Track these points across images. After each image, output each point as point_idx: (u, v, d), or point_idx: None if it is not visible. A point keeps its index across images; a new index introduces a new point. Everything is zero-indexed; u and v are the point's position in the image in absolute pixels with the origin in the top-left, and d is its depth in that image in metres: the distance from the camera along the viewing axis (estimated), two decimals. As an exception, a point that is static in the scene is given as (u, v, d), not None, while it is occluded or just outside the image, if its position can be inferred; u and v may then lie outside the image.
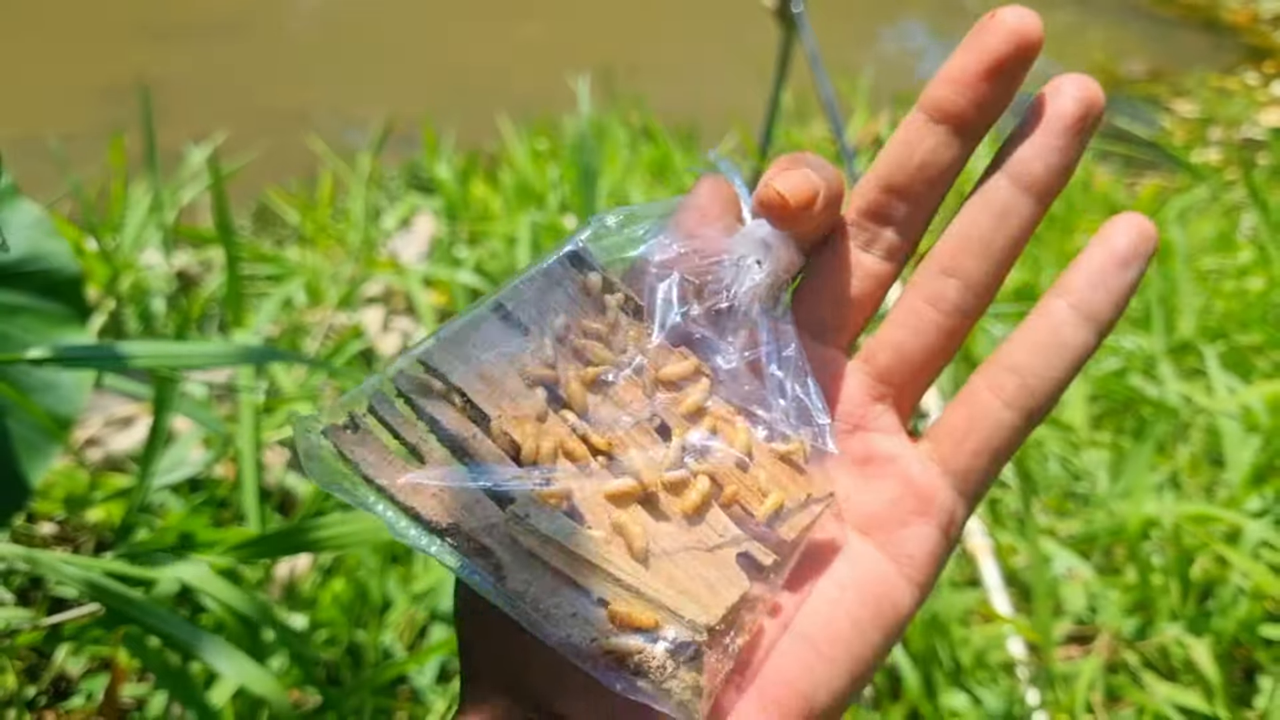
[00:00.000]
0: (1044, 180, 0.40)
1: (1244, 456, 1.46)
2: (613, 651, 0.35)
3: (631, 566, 0.36)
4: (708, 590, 0.37)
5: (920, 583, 0.41)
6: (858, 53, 4.35)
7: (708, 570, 0.37)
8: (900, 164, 0.41)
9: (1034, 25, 0.38)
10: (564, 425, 0.38)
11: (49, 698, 1.19)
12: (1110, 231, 0.41)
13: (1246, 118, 3.80)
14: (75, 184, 1.72)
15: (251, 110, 3.47)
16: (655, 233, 0.42)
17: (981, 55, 0.39)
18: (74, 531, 1.32)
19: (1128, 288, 0.41)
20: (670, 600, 0.36)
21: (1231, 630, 1.26)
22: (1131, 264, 0.40)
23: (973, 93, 0.40)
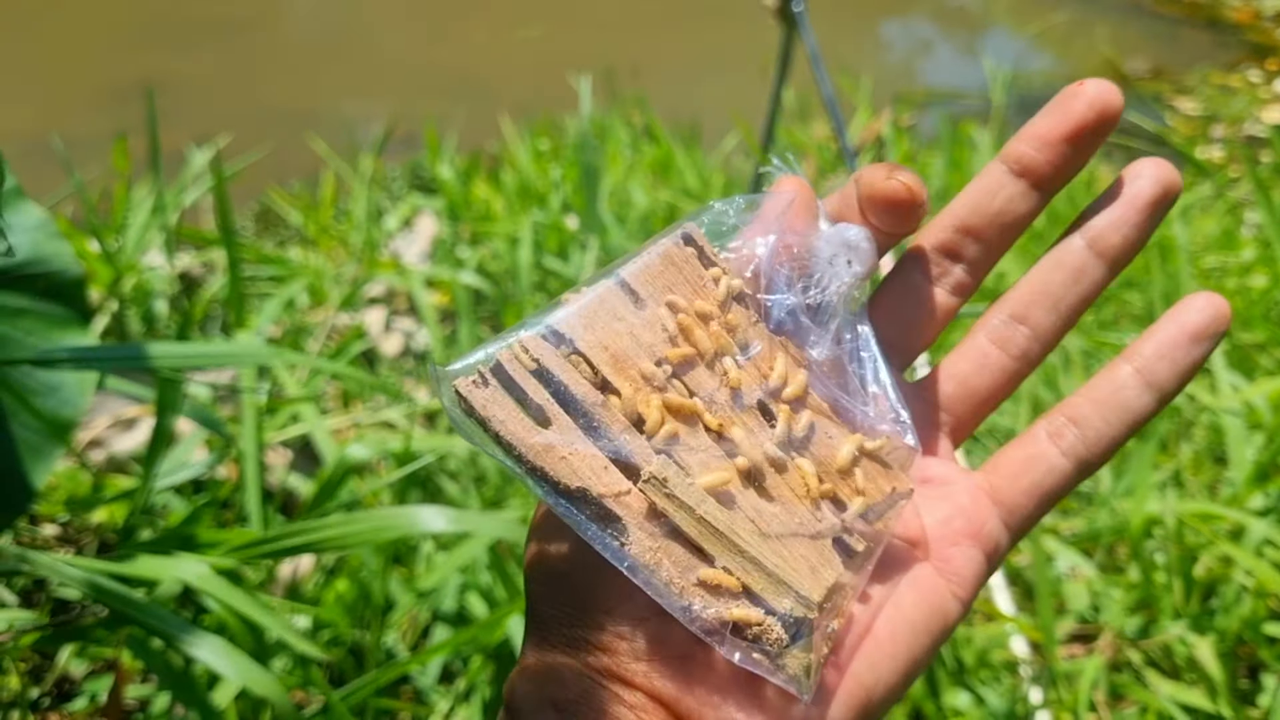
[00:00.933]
0: (1118, 249, 0.44)
1: (1247, 454, 1.46)
2: (732, 622, 0.36)
3: (755, 539, 0.37)
4: (810, 571, 0.38)
5: (964, 600, 0.43)
6: (860, 52, 4.35)
7: (808, 552, 0.39)
8: (978, 208, 0.44)
9: (1116, 98, 0.42)
10: (684, 402, 0.39)
11: (52, 699, 1.19)
12: (1184, 307, 0.44)
13: (1249, 115, 3.79)
14: (78, 185, 1.73)
15: (255, 112, 3.47)
16: (753, 225, 0.43)
17: (1066, 119, 0.42)
18: (77, 533, 1.32)
19: (1194, 363, 0.43)
20: (788, 575, 0.37)
21: (1235, 628, 1.26)
22: (1201, 342, 0.43)
23: (1053, 153, 0.43)
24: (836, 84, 3.01)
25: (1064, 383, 1.75)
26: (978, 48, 4.57)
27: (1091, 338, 1.93)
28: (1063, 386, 1.75)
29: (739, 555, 0.37)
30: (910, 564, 0.42)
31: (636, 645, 0.37)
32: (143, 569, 0.80)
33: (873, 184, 0.42)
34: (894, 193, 0.42)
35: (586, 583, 0.38)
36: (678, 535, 0.37)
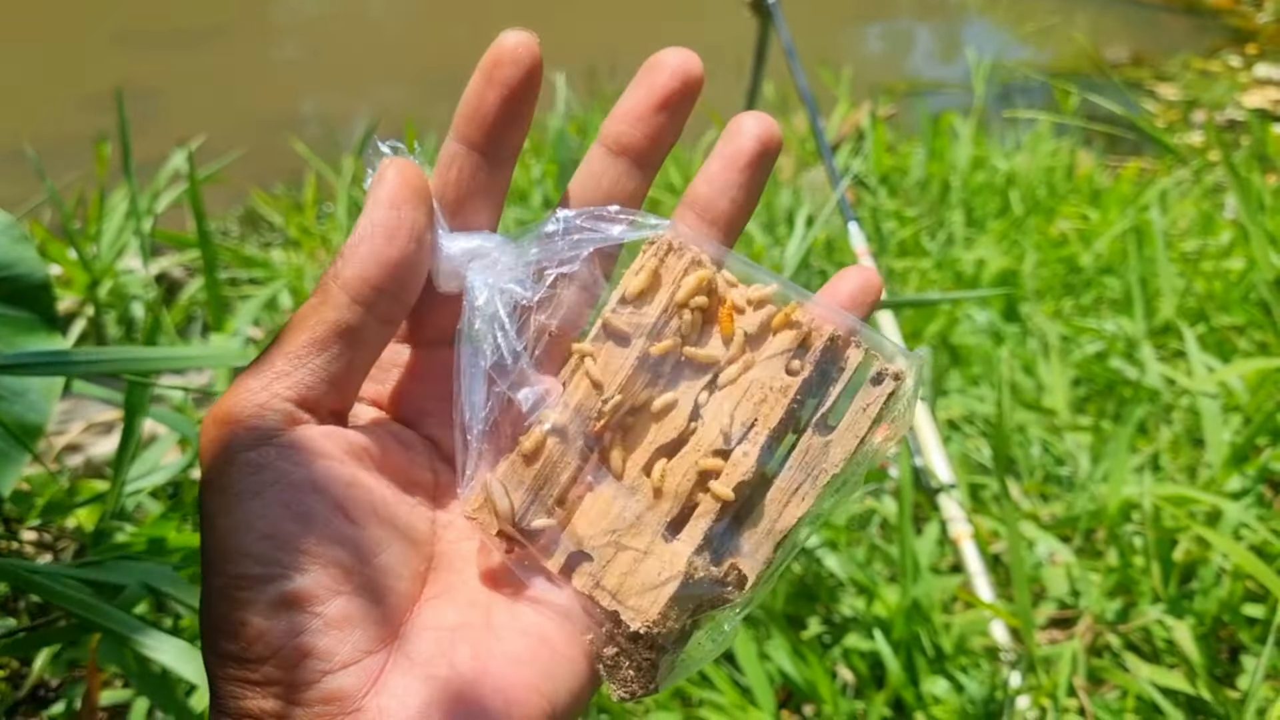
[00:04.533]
0: (728, 215, 0.45)
1: (1223, 437, 1.46)
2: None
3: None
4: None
5: None
6: (841, 44, 4.35)
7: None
8: (585, 193, 0.45)
9: (696, 64, 0.43)
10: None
11: (30, 706, 1.19)
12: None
13: (1229, 100, 3.80)
14: (52, 191, 1.72)
15: (237, 115, 3.47)
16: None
17: (653, 92, 0.43)
18: (54, 539, 1.31)
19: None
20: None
21: (1213, 611, 1.26)
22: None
23: (648, 126, 0.44)
24: (817, 76, 3.01)
25: (1042, 368, 1.75)
26: (959, 38, 4.57)
27: (1070, 323, 1.93)
28: (1041, 373, 1.75)
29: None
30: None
31: (311, 711, 0.37)
32: (109, 573, 0.80)
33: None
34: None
35: (255, 658, 0.37)
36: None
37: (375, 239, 0.40)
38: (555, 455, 0.43)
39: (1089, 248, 2.20)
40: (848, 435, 0.43)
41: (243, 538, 0.37)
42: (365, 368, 0.41)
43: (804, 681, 1.21)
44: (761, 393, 0.43)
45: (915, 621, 1.24)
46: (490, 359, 0.42)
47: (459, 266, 0.42)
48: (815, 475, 0.42)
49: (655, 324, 0.43)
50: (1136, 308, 1.85)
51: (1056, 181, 2.63)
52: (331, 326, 0.40)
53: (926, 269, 2.13)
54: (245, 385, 0.39)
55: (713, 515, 0.42)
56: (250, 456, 0.38)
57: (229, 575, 0.38)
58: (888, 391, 0.43)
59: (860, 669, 1.26)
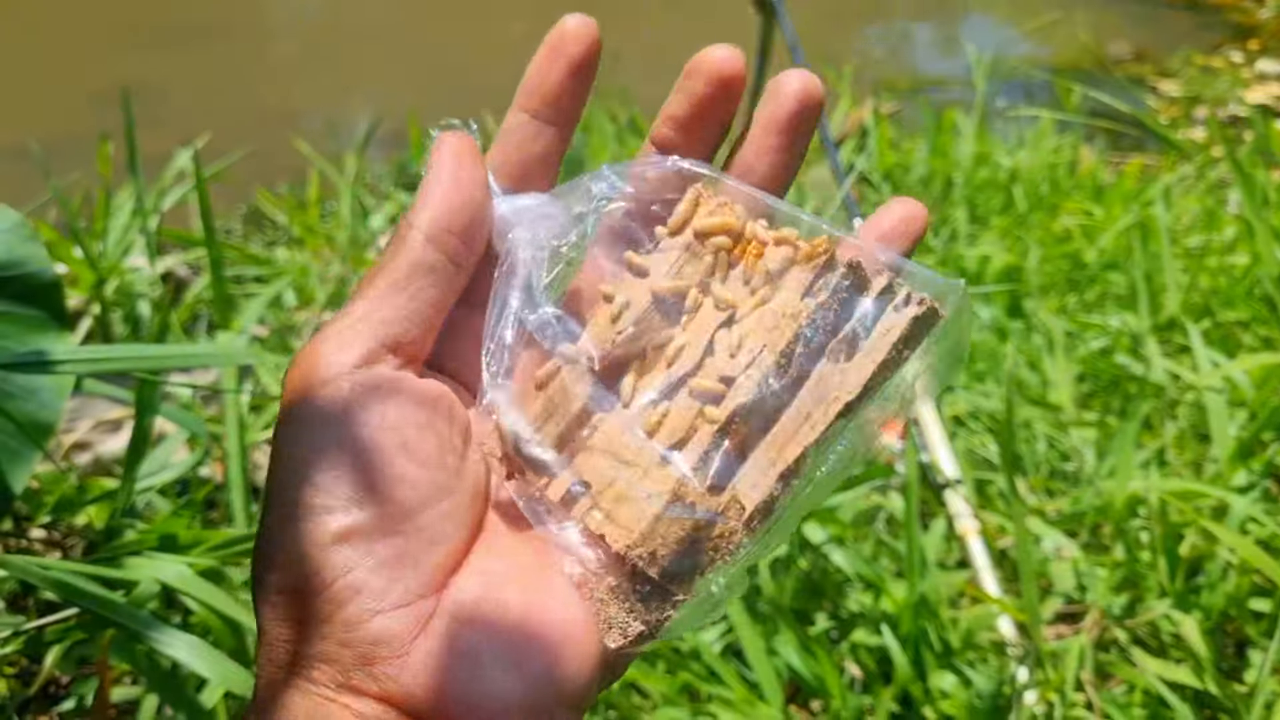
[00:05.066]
0: (767, 179, 0.45)
1: (1229, 432, 1.47)
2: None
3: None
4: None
5: None
6: (843, 41, 4.35)
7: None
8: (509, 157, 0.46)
9: (591, 29, 0.44)
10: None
11: (40, 703, 1.19)
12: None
13: (1232, 96, 3.80)
14: (57, 189, 1.72)
15: (241, 113, 3.47)
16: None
17: (557, 61, 0.44)
18: (64, 536, 1.32)
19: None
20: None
21: (1220, 605, 1.27)
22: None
23: (550, 96, 0.44)
24: (819, 74, 3.01)
25: (1047, 364, 1.76)
26: (960, 35, 4.57)
27: (1075, 319, 1.93)
28: (1046, 369, 1.75)
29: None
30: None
31: (357, 651, 0.37)
32: (120, 570, 0.80)
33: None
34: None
35: (309, 590, 0.37)
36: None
37: (442, 186, 0.42)
38: (566, 384, 0.42)
39: (1093, 244, 2.20)
40: (865, 360, 0.41)
41: (308, 468, 0.38)
42: (442, 309, 0.42)
43: (812, 676, 1.21)
44: (774, 320, 0.42)
45: (922, 617, 1.24)
46: (521, 301, 0.43)
47: (507, 225, 0.43)
48: (829, 403, 0.40)
49: (676, 261, 0.43)
50: (1141, 303, 1.85)
51: (1060, 178, 2.63)
52: (411, 265, 0.41)
53: (931, 265, 2.13)
54: (331, 325, 0.41)
55: (708, 439, 0.41)
56: (328, 391, 0.39)
57: (290, 504, 0.38)
58: (910, 315, 0.41)
59: (868, 664, 1.26)
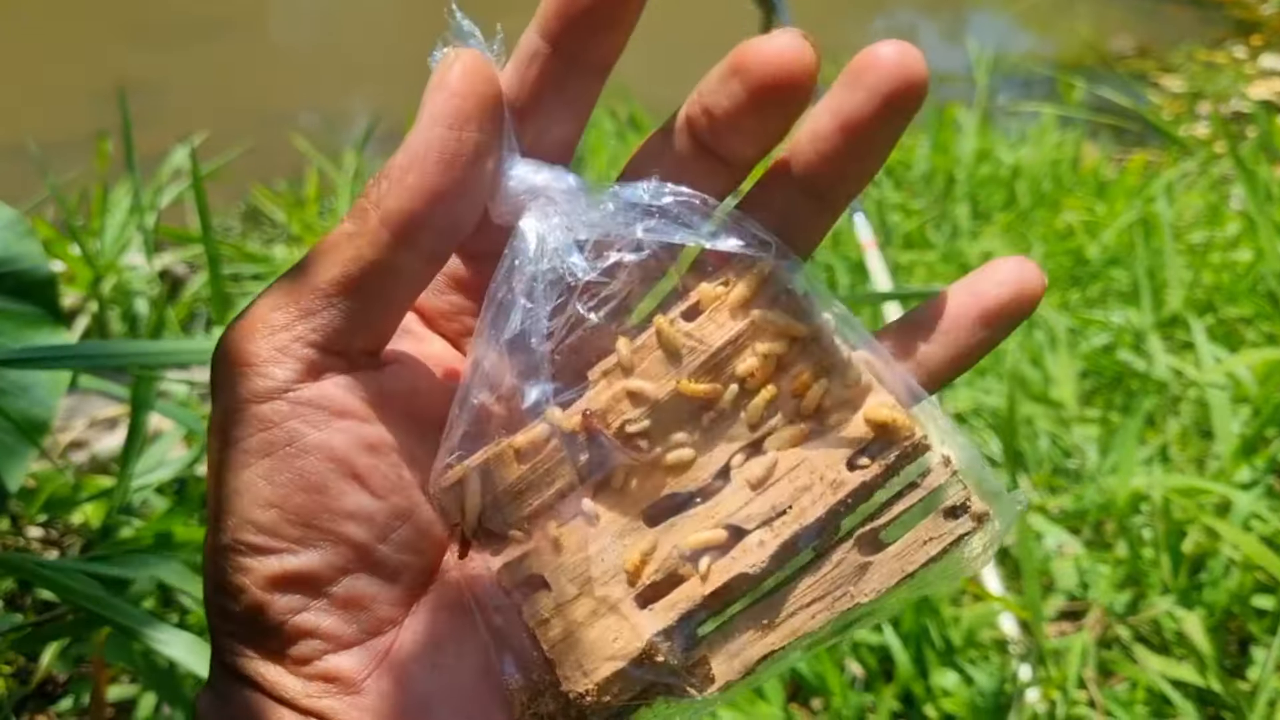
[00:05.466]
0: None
1: (1232, 428, 1.46)
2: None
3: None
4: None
5: None
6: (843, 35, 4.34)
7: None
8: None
9: (805, 56, 0.34)
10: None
11: (38, 701, 1.18)
12: (987, 273, 0.37)
13: (1235, 92, 3.79)
14: (53, 187, 1.72)
15: (238, 111, 3.46)
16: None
17: (755, 84, 0.34)
18: (61, 535, 1.31)
19: (977, 348, 0.37)
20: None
21: (1223, 602, 1.26)
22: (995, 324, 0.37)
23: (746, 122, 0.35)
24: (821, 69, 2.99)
25: (1050, 361, 1.75)
26: (961, 30, 4.56)
27: (1077, 315, 1.93)
28: (1048, 365, 1.75)
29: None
30: None
31: (309, 685, 0.35)
32: (116, 567, 0.80)
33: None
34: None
35: (254, 625, 0.35)
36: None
37: (427, 165, 0.33)
38: (550, 462, 0.36)
39: (1095, 240, 2.19)
40: (894, 565, 0.35)
41: (247, 503, 0.34)
42: (406, 306, 0.36)
43: (812, 675, 1.21)
44: (809, 478, 0.35)
45: (924, 614, 1.24)
46: (513, 331, 0.35)
47: (518, 202, 0.35)
48: (837, 596, 0.35)
49: (716, 353, 0.36)
50: (1144, 299, 1.84)
51: (1062, 174, 2.62)
52: (367, 266, 0.34)
53: (932, 261, 2.13)
54: (265, 318, 0.34)
55: (696, 600, 0.35)
56: (263, 411, 0.34)
57: (231, 538, 0.34)
58: (961, 532, 0.35)
59: (869, 662, 1.26)
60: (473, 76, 0.33)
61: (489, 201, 0.35)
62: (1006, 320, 0.36)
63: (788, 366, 0.36)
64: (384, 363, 0.37)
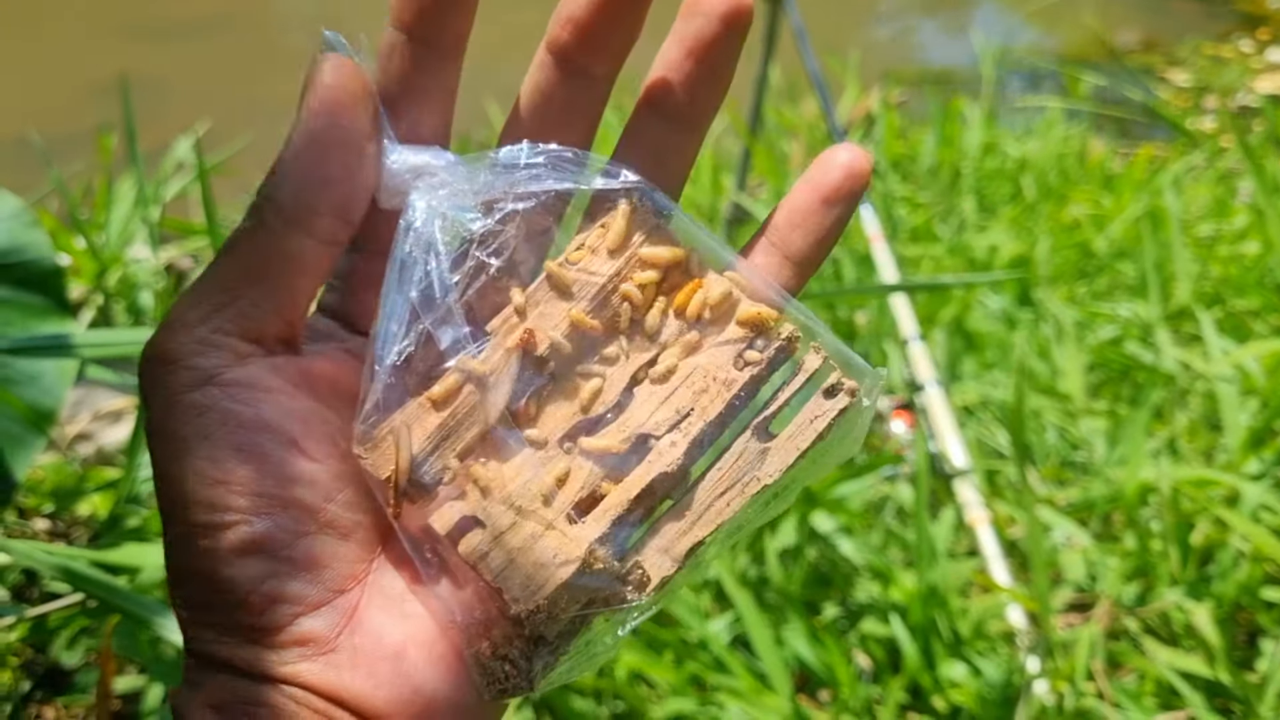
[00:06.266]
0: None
1: (1241, 420, 1.45)
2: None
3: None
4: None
5: None
6: (847, 32, 4.33)
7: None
8: (539, 113, 0.40)
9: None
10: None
11: (46, 692, 1.18)
12: (819, 166, 0.40)
13: (1241, 85, 3.78)
14: (58, 180, 1.71)
15: (243, 105, 3.46)
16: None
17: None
18: (68, 527, 1.31)
19: (831, 227, 0.40)
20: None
21: (1232, 594, 1.25)
22: (835, 205, 0.40)
23: (585, 28, 0.38)
24: (825, 63, 2.99)
25: (1057, 353, 1.74)
26: (967, 23, 4.55)
27: (1084, 308, 1.92)
28: (1056, 358, 1.74)
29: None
30: None
31: (283, 653, 0.36)
32: (123, 556, 0.80)
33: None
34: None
35: (224, 605, 0.36)
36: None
37: (310, 154, 0.36)
38: (466, 407, 0.39)
39: (1102, 233, 2.19)
40: (789, 445, 0.39)
41: (194, 485, 0.35)
42: (311, 291, 0.38)
43: (820, 666, 1.20)
44: (703, 381, 0.39)
45: (932, 606, 1.23)
46: (417, 288, 0.38)
47: (402, 183, 0.38)
48: (746, 482, 0.39)
49: (604, 286, 0.39)
50: (1152, 292, 1.84)
51: (1068, 167, 2.62)
52: (269, 254, 0.36)
53: (939, 255, 2.12)
54: (181, 319, 0.36)
55: (624, 505, 0.38)
56: (194, 398, 0.36)
57: (186, 524, 0.36)
58: (840, 406, 0.39)
59: (877, 654, 1.25)
60: (338, 72, 0.36)
61: (375, 190, 0.38)
62: (846, 197, 0.40)
63: (668, 290, 0.40)
64: (302, 351, 0.39)
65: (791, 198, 0.40)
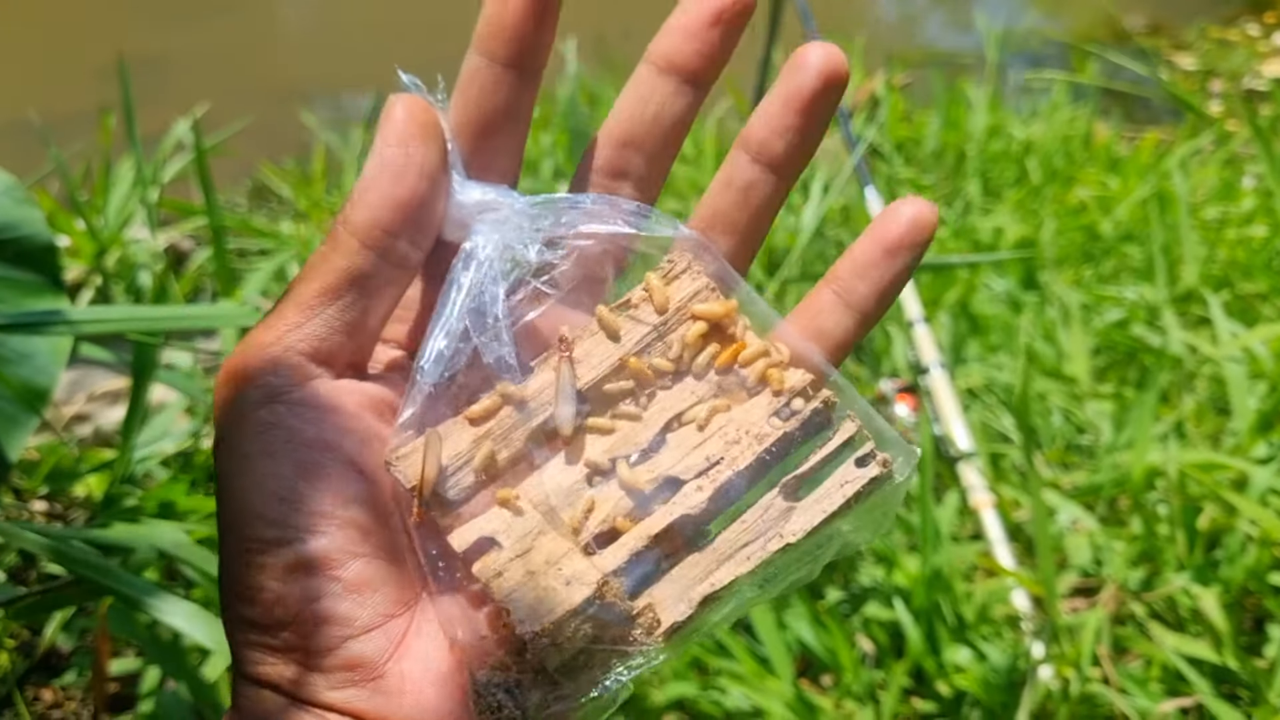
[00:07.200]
0: (784, 157, 0.41)
1: (1250, 403, 1.44)
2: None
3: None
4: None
5: None
6: (851, 14, 4.30)
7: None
8: (635, 117, 0.41)
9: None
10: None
11: (41, 675, 1.18)
12: (884, 218, 0.41)
13: (1248, 69, 3.75)
14: (58, 160, 1.70)
15: (244, 88, 3.44)
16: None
17: (705, 6, 0.40)
18: (65, 508, 1.30)
19: (895, 278, 0.41)
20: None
21: (1240, 579, 1.24)
22: (899, 254, 0.41)
23: (700, 42, 0.40)
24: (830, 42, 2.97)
25: (1062, 336, 1.73)
26: (972, 6, 4.52)
27: (1091, 291, 1.91)
28: (1061, 340, 1.73)
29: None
30: None
31: (331, 677, 0.36)
32: (118, 536, 0.78)
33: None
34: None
35: (273, 623, 0.36)
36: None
37: (383, 180, 0.38)
38: (502, 428, 0.39)
39: (1109, 215, 2.17)
40: (815, 507, 0.39)
41: (255, 500, 0.36)
42: (383, 315, 0.39)
43: (823, 651, 1.19)
44: (736, 433, 0.40)
45: (936, 590, 1.22)
46: (470, 307, 0.39)
47: (468, 216, 0.40)
48: (768, 538, 0.39)
49: (651, 334, 0.40)
50: (1158, 274, 1.82)
51: (1074, 150, 2.60)
52: (343, 274, 0.37)
53: (944, 237, 2.10)
54: (256, 340, 0.38)
55: (643, 542, 0.39)
56: (261, 415, 0.37)
57: (243, 539, 0.36)
58: (870, 475, 0.39)
59: (880, 638, 1.24)
60: (412, 108, 0.38)
61: (442, 220, 0.40)
62: (909, 249, 0.41)
63: (713, 344, 0.41)
64: (368, 376, 0.40)
65: (855, 249, 0.41)
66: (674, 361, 0.41)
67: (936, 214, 0.41)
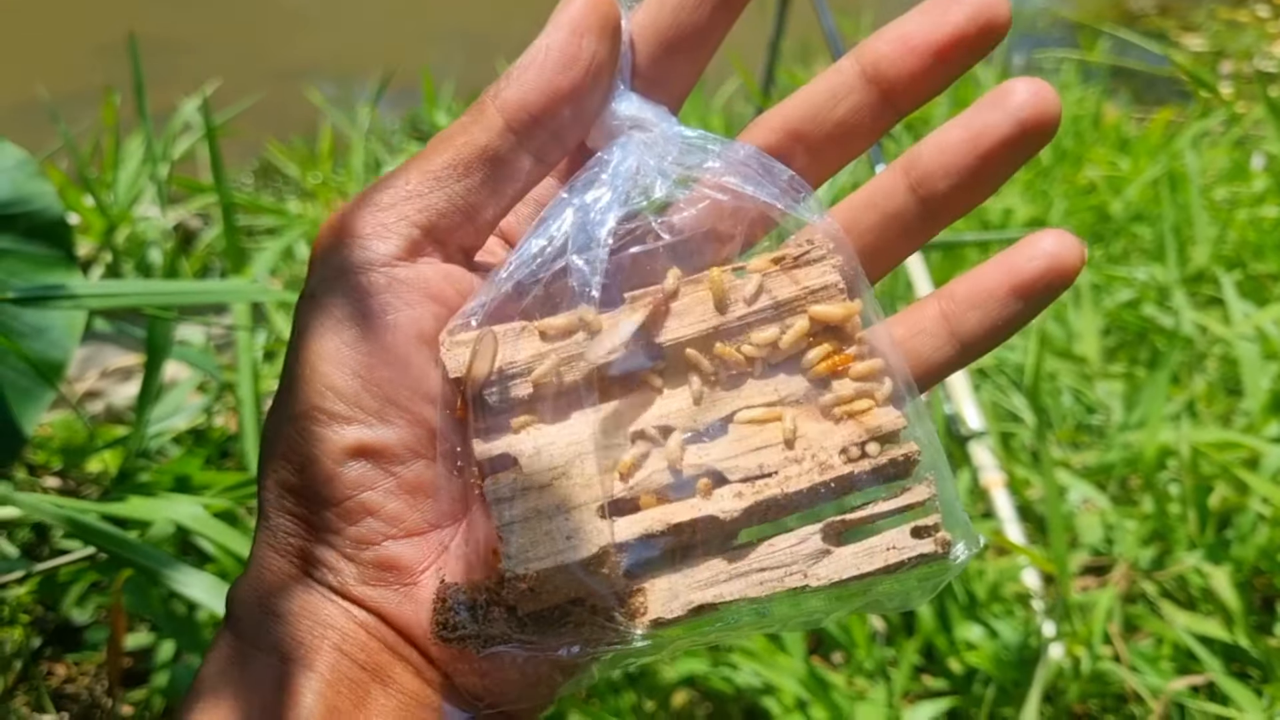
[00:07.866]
0: (944, 199, 0.38)
1: (1262, 382, 1.44)
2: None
3: None
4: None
5: None
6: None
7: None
8: (816, 114, 0.38)
9: (1003, 9, 0.35)
10: None
11: (56, 648, 1.18)
12: (1023, 247, 0.37)
13: (1258, 50, 3.73)
14: (68, 138, 1.70)
15: (252, 67, 3.44)
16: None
17: (939, 27, 0.36)
18: (78, 484, 1.31)
19: (1010, 321, 0.37)
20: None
21: (1251, 558, 1.24)
22: (1024, 298, 0.37)
23: (917, 63, 0.36)
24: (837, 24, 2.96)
25: (1073, 316, 1.72)
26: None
27: (1102, 271, 1.90)
28: (1071, 321, 1.72)
29: None
30: None
31: (363, 569, 0.35)
32: (134, 510, 0.78)
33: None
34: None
35: (317, 499, 0.35)
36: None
37: (547, 63, 0.35)
38: (567, 352, 0.36)
39: (1119, 196, 2.16)
40: (850, 561, 0.36)
41: (331, 369, 0.34)
42: (506, 205, 0.36)
43: (835, 627, 1.19)
44: (801, 453, 0.37)
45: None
46: (580, 218, 0.36)
47: (618, 129, 0.37)
48: (789, 572, 0.36)
49: (759, 311, 0.37)
50: (1170, 254, 1.81)
51: (1084, 130, 2.58)
52: (479, 150, 0.35)
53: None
54: (372, 198, 0.35)
55: (660, 526, 0.36)
56: (359, 280, 0.34)
57: (309, 404, 0.34)
58: (922, 551, 0.36)
59: (890, 617, 1.24)
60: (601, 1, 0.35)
61: (591, 124, 0.37)
62: (1041, 293, 0.36)
63: (815, 347, 0.37)
64: (477, 267, 0.37)
65: (981, 273, 0.37)
66: (769, 349, 0.37)
67: (1084, 256, 0.36)
